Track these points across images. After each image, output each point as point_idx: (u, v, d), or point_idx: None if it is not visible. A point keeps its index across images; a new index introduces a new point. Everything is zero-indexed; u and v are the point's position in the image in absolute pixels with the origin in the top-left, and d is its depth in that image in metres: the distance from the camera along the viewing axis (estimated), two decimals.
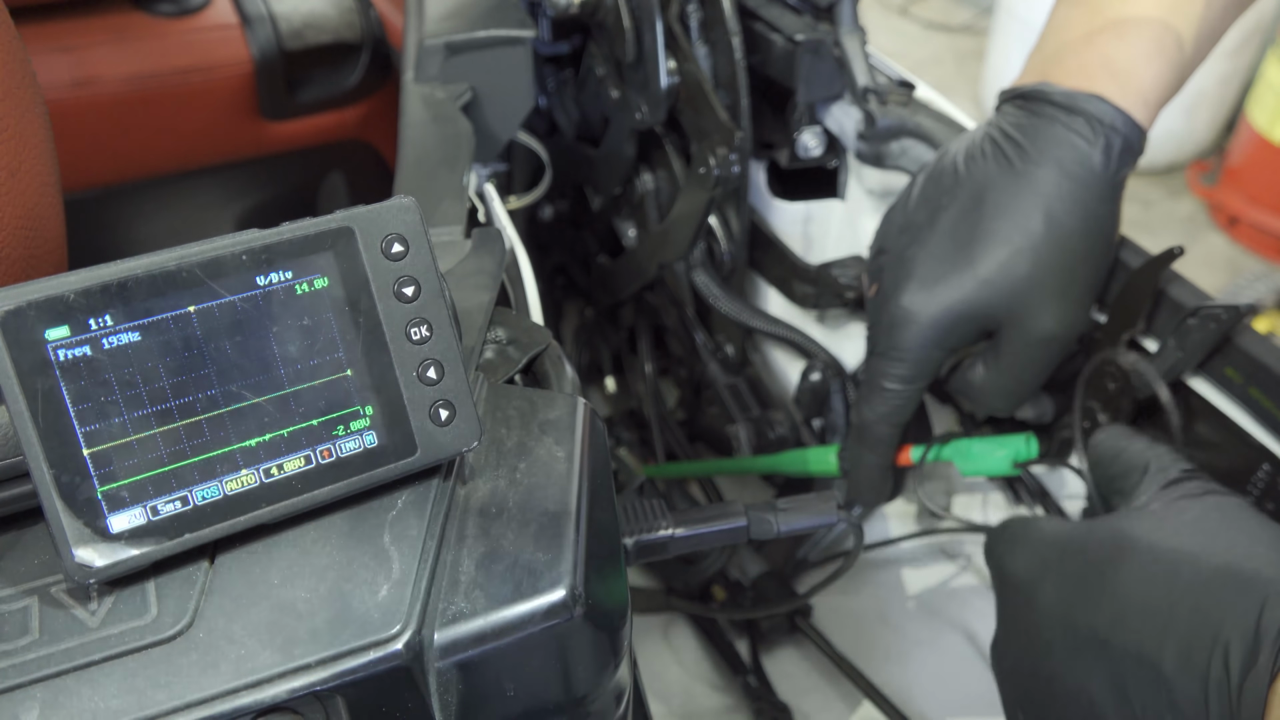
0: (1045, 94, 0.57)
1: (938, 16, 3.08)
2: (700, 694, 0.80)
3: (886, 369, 0.62)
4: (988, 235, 0.57)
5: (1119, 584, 0.44)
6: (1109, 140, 0.56)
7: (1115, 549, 0.46)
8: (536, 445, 0.37)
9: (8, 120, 0.41)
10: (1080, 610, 0.46)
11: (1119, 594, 0.44)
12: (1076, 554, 0.48)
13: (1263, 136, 2.09)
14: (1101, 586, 0.45)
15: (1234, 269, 2.12)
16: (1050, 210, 0.56)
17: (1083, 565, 0.47)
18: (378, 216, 0.32)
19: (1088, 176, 0.56)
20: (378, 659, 0.29)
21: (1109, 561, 0.46)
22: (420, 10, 0.73)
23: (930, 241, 0.60)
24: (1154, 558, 0.44)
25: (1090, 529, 0.49)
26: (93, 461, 0.29)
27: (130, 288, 0.29)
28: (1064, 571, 0.48)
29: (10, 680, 0.28)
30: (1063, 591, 0.47)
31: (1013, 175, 0.57)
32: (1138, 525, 0.47)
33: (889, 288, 0.62)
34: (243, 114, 1.05)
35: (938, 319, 0.59)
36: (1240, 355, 0.55)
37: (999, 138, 0.59)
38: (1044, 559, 0.49)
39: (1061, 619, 0.47)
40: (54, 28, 0.96)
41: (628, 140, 0.83)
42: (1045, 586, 0.48)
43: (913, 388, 0.62)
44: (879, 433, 0.65)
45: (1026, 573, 0.50)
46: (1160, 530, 0.46)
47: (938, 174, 0.61)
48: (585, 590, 0.33)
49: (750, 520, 0.48)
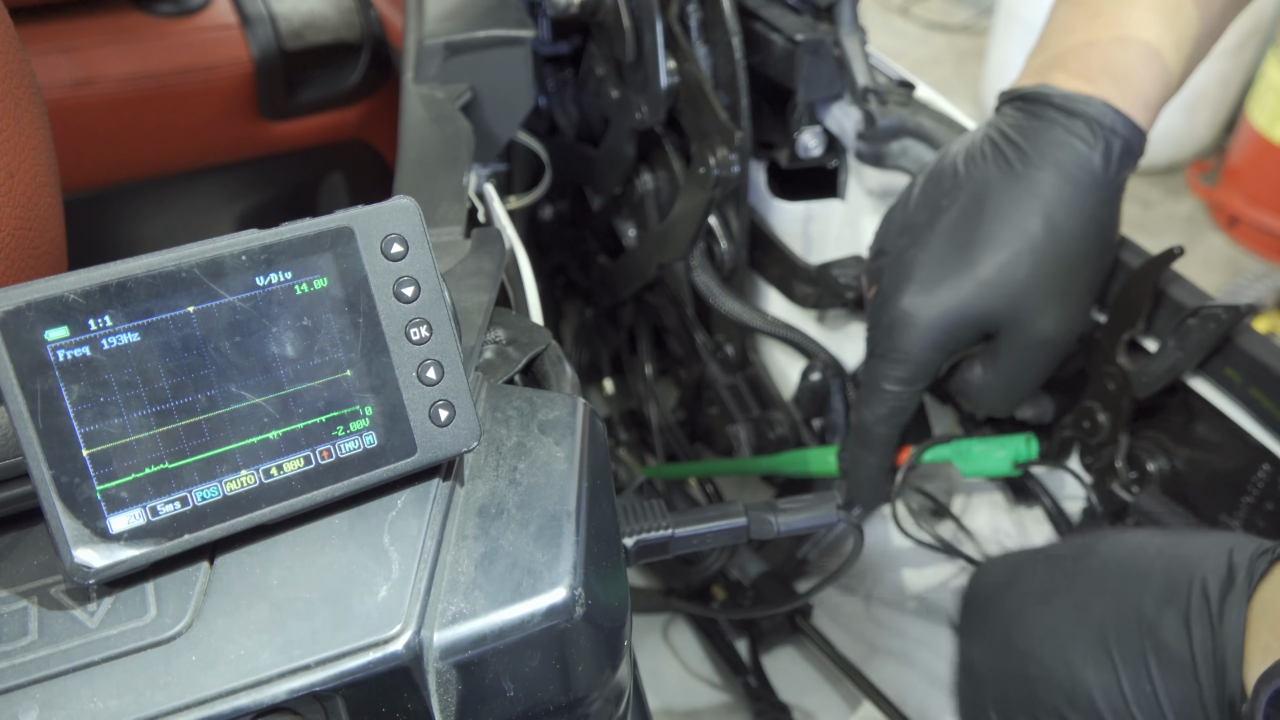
0: (1045, 96, 0.57)
1: (938, 16, 3.08)
2: (700, 694, 0.80)
3: (886, 371, 0.62)
4: (987, 238, 0.57)
5: (1092, 565, 0.48)
6: (1109, 143, 0.55)
7: (1083, 547, 0.50)
8: (536, 445, 0.37)
9: (7, 120, 0.41)
10: (1053, 594, 0.48)
11: (1094, 569, 0.48)
12: (1044, 559, 0.51)
13: (1263, 136, 2.09)
14: (1073, 572, 0.48)
15: (1234, 269, 2.12)
16: (1050, 213, 0.56)
17: (1051, 562, 0.50)
18: (377, 216, 0.32)
19: (1087, 179, 0.56)
20: (377, 659, 0.29)
21: (1077, 557, 0.50)
22: (420, 10, 0.73)
23: (930, 244, 0.60)
24: (1122, 541, 0.49)
25: (1054, 544, 0.53)
26: (92, 462, 0.29)
27: (130, 288, 0.29)
28: (1033, 570, 0.51)
29: (9, 681, 0.28)
30: (1033, 584, 0.50)
31: (1013, 178, 0.57)
32: (1100, 536, 0.51)
33: (889, 289, 0.62)
34: (243, 114, 1.05)
35: (937, 321, 0.59)
36: (1240, 355, 0.55)
37: (999, 139, 0.59)
38: (1009, 568, 0.52)
39: (1035, 608, 0.49)
40: (54, 28, 0.96)
41: (628, 140, 0.83)
42: (1015, 585, 0.51)
43: (912, 389, 0.62)
44: (878, 434, 0.65)
45: (1003, 575, 0.52)
46: (1122, 533, 0.51)
47: (937, 175, 0.61)
48: (585, 591, 0.33)
49: (750, 520, 0.48)
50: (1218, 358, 0.56)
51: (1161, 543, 0.47)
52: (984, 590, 0.54)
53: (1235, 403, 0.56)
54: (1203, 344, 0.55)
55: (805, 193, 0.80)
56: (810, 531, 0.63)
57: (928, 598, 0.79)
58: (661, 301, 0.91)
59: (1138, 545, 0.48)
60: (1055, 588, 0.49)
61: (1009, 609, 0.50)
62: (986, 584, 0.54)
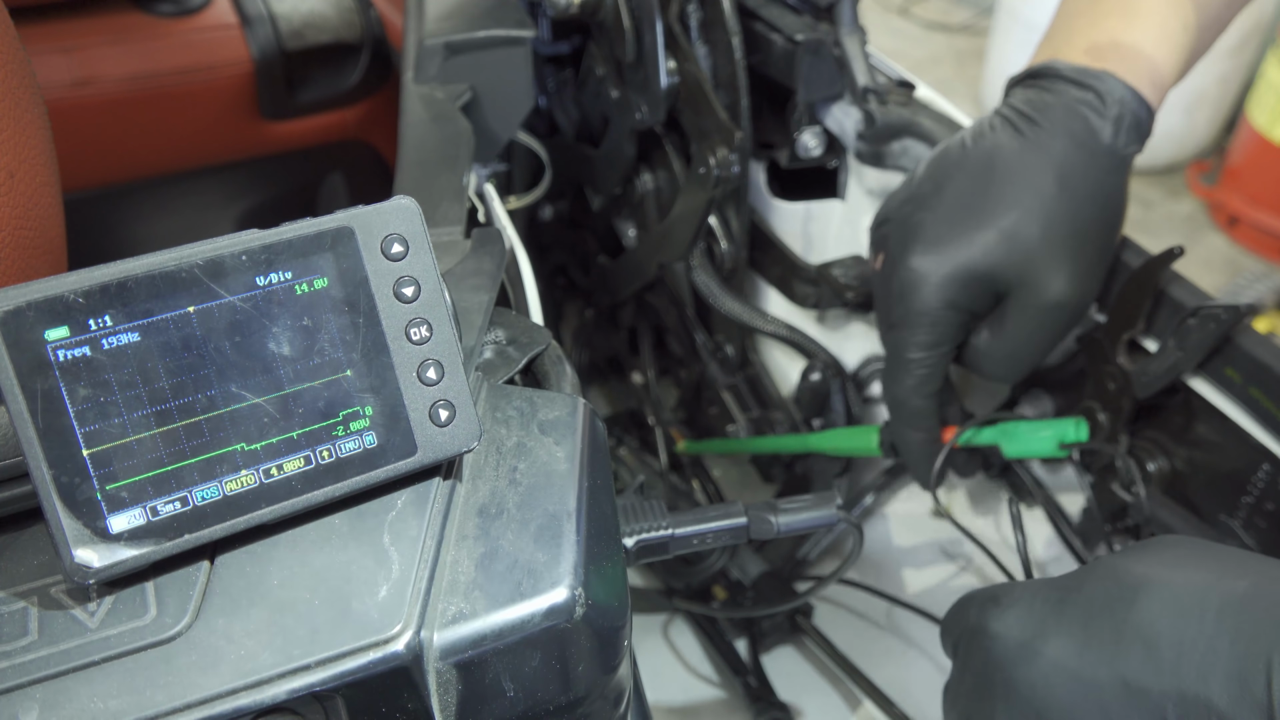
0: (1055, 69, 0.58)
1: (938, 16, 3.08)
2: (700, 694, 0.80)
3: (905, 338, 0.60)
4: (999, 198, 0.57)
5: (1140, 623, 0.40)
6: (1119, 114, 0.56)
7: (1122, 589, 0.42)
8: (536, 445, 0.37)
9: (7, 120, 0.41)
10: (1097, 659, 0.41)
11: (1143, 634, 0.40)
12: (1076, 602, 0.43)
13: (1263, 136, 2.09)
14: (1118, 630, 0.40)
15: (1234, 269, 2.12)
16: (1062, 175, 0.56)
17: (1088, 612, 0.42)
18: (378, 216, 0.32)
19: (1098, 147, 0.56)
20: (377, 660, 0.29)
21: (1120, 603, 0.41)
22: (420, 10, 0.73)
23: (938, 207, 0.59)
24: (1171, 591, 0.40)
25: (1080, 576, 0.44)
26: (92, 462, 0.29)
27: (130, 288, 0.29)
28: (1068, 621, 0.42)
29: (9, 681, 0.28)
30: (1072, 642, 0.42)
31: (1024, 143, 0.57)
32: (1135, 563, 0.42)
33: (896, 252, 0.60)
34: (243, 114, 1.05)
35: (949, 278, 0.58)
36: (1240, 355, 0.55)
37: (1009, 113, 0.59)
38: (1040, 613, 0.44)
39: (1073, 672, 0.41)
40: (54, 28, 0.96)
41: (628, 140, 0.83)
42: (1050, 640, 0.42)
43: (936, 353, 0.60)
44: (914, 406, 0.63)
45: (1022, 631, 0.44)
46: (1161, 565, 0.41)
47: (944, 152, 0.61)
48: (585, 591, 0.33)
49: (750, 520, 0.48)
50: (1218, 358, 0.56)
51: (1220, 604, 0.38)
52: (1001, 649, 0.44)
53: (1235, 403, 0.56)
54: (1203, 344, 0.55)
55: (805, 193, 0.80)
56: (810, 531, 0.63)
57: (928, 598, 0.79)
58: (661, 301, 0.91)
59: (1193, 604, 0.39)
60: (1097, 660, 0.41)
61: (1037, 681, 0.42)
62: (1005, 638, 0.44)
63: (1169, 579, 0.40)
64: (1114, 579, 0.42)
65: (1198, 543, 0.43)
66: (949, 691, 0.47)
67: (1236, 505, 0.58)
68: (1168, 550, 0.42)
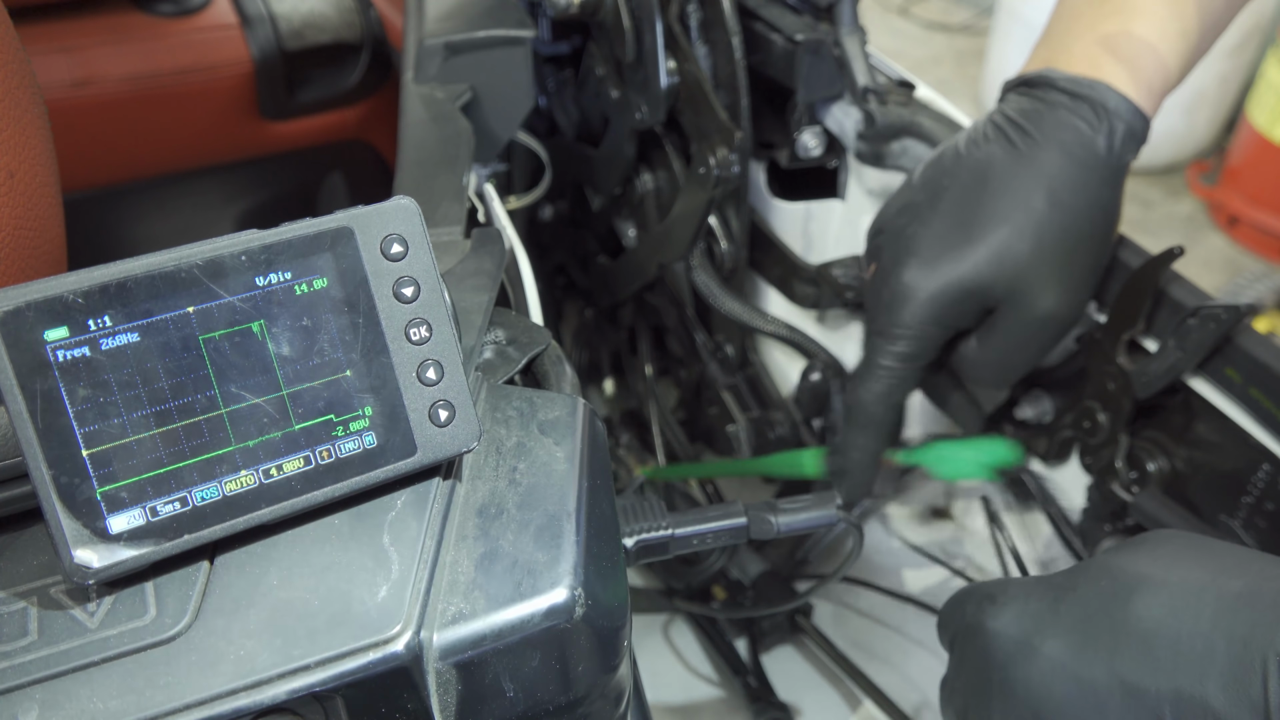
0: (1049, 79, 0.58)
1: (938, 16, 3.08)
2: (700, 694, 0.80)
3: (885, 346, 0.61)
4: (990, 213, 0.57)
5: (1137, 623, 0.40)
6: (1112, 125, 0.56)
7: (1119, 587, 0.42)
8: (536, 445, 0.37)
9: (7, 120, 0.41)
10: (1095, 658, 0.41)
11: (1140, 633, 0.40)
12: (1073, 601, 0.43)
13: (1263, 136, 2.09)
14: (1115, 629, 0.41)
15: (1234, 269, 2.12)
16: (1054, 190, 0.56)
17: (1085, 610, 0.42)
18: (377, 216, 0.32)
19: (1091, 160, 0.56)
20: (377, 660, 0.29)
21: (1116, 601, 0.42)
22: (420, 10, 0.73)
23: (931, 221, 0.59)
24: (1167, 589, 0.40)
25: (1076, 574, 0.44)
26: (92, 462, 0.29)
27: (129, 288, 0.29)
28: (1065, 619, 0.43)
29: (9, 681, 0.28)
30: (1069, 641, 0.42)
31: (1016, 156, 0.57)
32: (1130, 561, 0.42)
33: (888, 265, 0.61)
34: (243, 114, 1.05)
35: (938, 295, 0.59)
36: (1240, 355, 0.55)
37: (1002, 122, 0.59)
38: (1037, 611, 0.44)
39: (1070, 671, 0.42)
40: (54, 28, 0.96)
41: (628, 140, 0.83)
42: (1047, 639, 0.43)
43: (910, 367, 0.62)
44: (873, 413, 0.64)
45: (1019, 630, 0.44)
46: (1157, 562, 0.42)
47: (939, 159, 0.61)
48: (585, 591, 0.33)
49: (750, 520, 0.48)
50: (1218, 358, 0.56)
51: (1217, 603, 0.39)
52: (998, 647, 0.45)
53: (1235, 403, 0.56)
54: (1203, 344, 0.55)
55: (805, 193, 0.80)
56: (810, 531, 0.63)
57: (928, 597, 0.79)
58: (661, 301, 0.91)
59: (1189, 603, 0.39)
60: (1094, 659, 0.41)
61: (1034, 680, 0.43)
62: (1002, 636, 0.45)
63: (1165, 577, 0.41)
64: (1110, 577, 0.42)
65: (1193, 537, 0.43)
66: (946, 686, 0.47)
67: (1236, 505, 0.58)
68: (1163, 546, 0.42)
